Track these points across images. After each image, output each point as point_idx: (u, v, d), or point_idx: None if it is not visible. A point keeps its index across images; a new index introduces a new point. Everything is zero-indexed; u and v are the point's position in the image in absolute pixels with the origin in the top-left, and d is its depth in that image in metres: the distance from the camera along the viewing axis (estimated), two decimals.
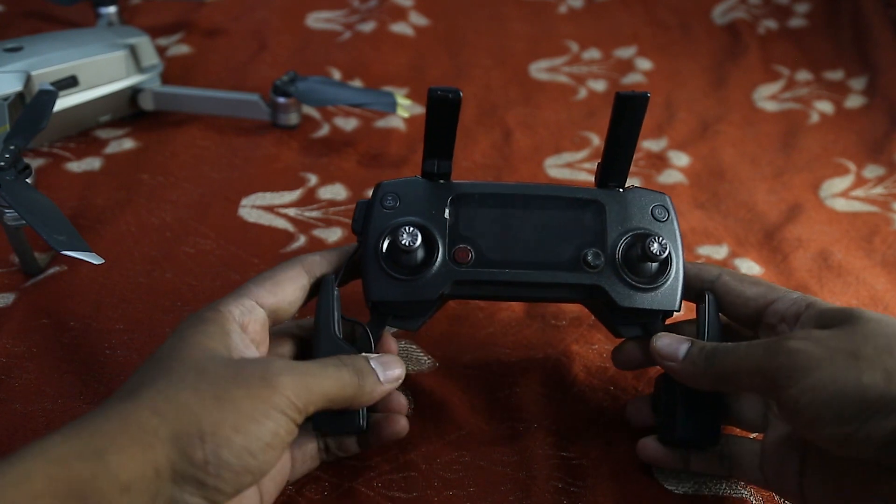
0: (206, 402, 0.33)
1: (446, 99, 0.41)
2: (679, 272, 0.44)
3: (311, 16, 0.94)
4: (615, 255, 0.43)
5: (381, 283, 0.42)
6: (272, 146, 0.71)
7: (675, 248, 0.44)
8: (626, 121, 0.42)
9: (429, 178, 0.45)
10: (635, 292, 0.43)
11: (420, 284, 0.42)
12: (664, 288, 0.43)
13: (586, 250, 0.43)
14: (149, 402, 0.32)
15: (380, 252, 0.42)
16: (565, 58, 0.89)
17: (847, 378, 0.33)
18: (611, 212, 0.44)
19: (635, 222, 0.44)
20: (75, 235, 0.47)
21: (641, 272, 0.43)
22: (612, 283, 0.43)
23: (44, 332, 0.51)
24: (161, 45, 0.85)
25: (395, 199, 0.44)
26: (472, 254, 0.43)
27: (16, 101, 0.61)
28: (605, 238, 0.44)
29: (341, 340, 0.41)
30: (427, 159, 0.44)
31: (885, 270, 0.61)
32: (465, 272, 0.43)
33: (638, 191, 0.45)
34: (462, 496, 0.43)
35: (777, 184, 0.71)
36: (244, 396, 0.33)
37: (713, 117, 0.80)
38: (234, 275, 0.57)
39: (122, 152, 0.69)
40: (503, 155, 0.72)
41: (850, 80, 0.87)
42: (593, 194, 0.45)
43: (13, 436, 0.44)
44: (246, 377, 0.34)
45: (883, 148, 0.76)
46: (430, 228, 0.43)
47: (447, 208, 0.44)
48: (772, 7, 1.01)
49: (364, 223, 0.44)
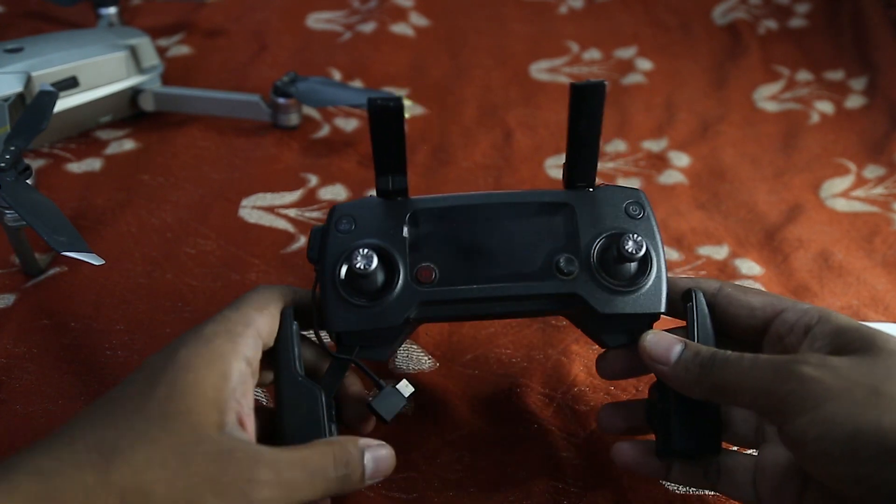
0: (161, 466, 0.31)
1: (387, 108, 0.39)
2: (661, 271, 0.41)
3: (312, 16, 0.94)
4: (590, 258, 0.41)
5: (341, 313, 0.40)
6: (272, 147, 0.71)
7: (654, 245, 0.41)
8: (585, 113, 0.40)
9: (385, 196, 0.42)
10: (615, 297, 0.40)
11: (383, 310, 0.40)
12: (646, 289, 0.40)
13: (558, 256, 0.41)
14: (120, 486, 0.30)
15: (338, 279, 0.40)
16: (566, 58, 0.89)
17: (866, 417, 0.31)
18: (582, 214, 0.42)
19: (609, 222, 0.42)
20: (76, 236, 0.47)
21: (620, 274, 0.41)
22: (590, 289, 0.40)
23: (44, 333, 0.51)
24: (161, 45, 0.85)
25: (351, 222, 0.41)
26: (436, 272, 0.41)
27: (16, 101, 0.61)
28: (578, 242, 0.41)
29: (304, 379, 0.38)
30: (380, 176, 0.42)
31: (885, 271, 0.61)
32: (430, 292, 0.40)
33: (609, 188, 0.43)
34: (462, 496, 0.43)
35: (777, 184, 0.71)
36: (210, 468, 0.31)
37: (713, 117, 0.80)
38: (234, 275, 0.57)
39: (122, 153, 0.69)
40: (503, 155, 0.72)
41: (851, 81, 0.87)
42: (561, 197, 0.42)
43: (13, 436, 0.44)
44: (225, 485, 0.31)
45: (883, 148, 0.76)
46: (389, 249, 0.41)
47: (405, 226, 0.41)
48: (772, 7, 1.01)
49: (320, 250, 0.41)
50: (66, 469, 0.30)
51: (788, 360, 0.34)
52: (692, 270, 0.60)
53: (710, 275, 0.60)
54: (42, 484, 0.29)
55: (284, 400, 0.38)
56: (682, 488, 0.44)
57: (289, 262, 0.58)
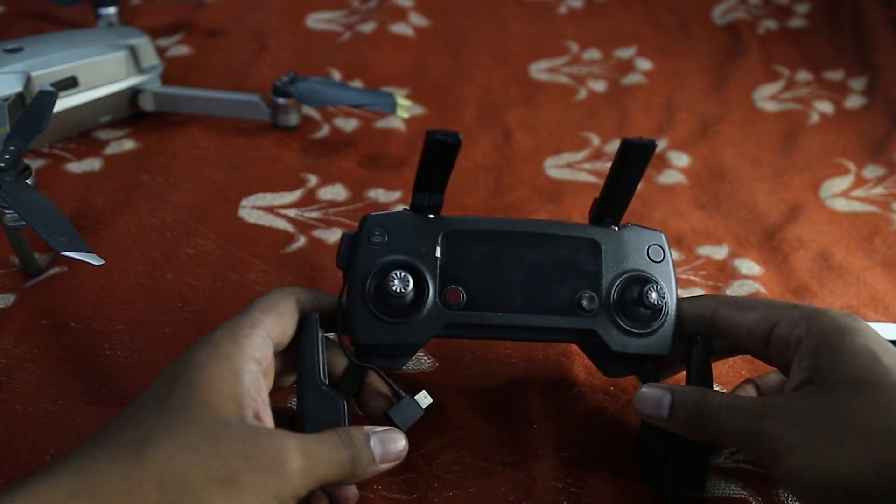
0: (214, 487, 0.31)
1: (445, 143, 0.39)
2: (672, 317, 0.43)
3: (312, 16, 0.94)
4: (610, 298, 0.43)
5: (369, 326, 0.41)
6: (272, 147, 0.71)
7: (670, 290, 0.44)
8: (630, 166, 0.41)
9: (418, 212, 0.43)
10: (629, 337, 0.42)
11: (410, 328, 0.41)
12: (658, 334, 0.43)
13: (581, 293, 0.42)
14: (155, 473, 0.31)
15: (368, 293, 0.41)
16: (565, 58, 0.89)
17: (823, 469, 0.33)
18: (606, 252, 0.43)
19: (631, 263, 0.43)
20: (75, 236, 0.47)
21: (636, 317, 0.43)
22: (606, 327, 0.42)
23: (44, 333, 0.51)
24: (161, 45, 0.85)
25: (383, 234, 0.42)
26: (464, 295, 0.42)
27: (16, 101, 0.61)
28: (600, 279, 0.43)
29: (327, 388, 0.39)
30: (417, 192, 0.42)
31: (885, 271, 0.61)
32: (457, 315, 0.41)
33: (634, 229, 0.44)
34: (462, 497, 0.43)
35: (777, 184, 0.71)
36: (252, 483, 0.32)
37: (713, 117, 0.80)
38: (234, 275, 0.57)
39: (122, 153, 0.69)
40: (503, 155, 0.72)
41: (850, 81, 0.87)
42: (589, 233, 0.44)
43: (14, 437, 0.44)
44: (258, 459, 0.33)
45: (883, 148, 0.76)
46: (421, 268, 0.41)
47: (438, 246, 0.42)
48: (772, 7, 1.01)
49: (350, 259, 0.42)
50: (101, 464, 0.31)
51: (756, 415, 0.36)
52: (692, 271, 0.60)
53: (709, 275, 0.60)
54: (80, 478, 0.30)
55: (307, 407, 0.39)
56: None
57: (288, 261, 0.58)
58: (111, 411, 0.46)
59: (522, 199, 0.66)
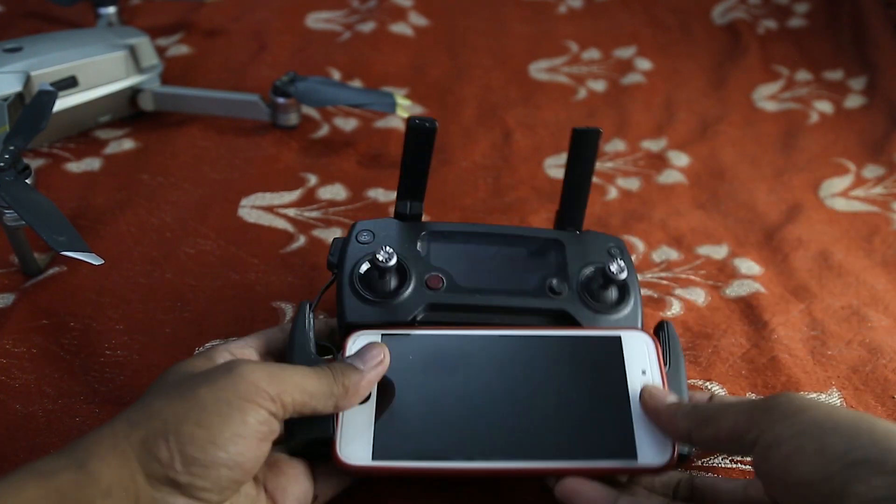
0: (173, 403, 0.33)
1: (423, 128, 0.45)
2: (638, 302, 0.46)
3: (311, 16, 0.94)
4: (577, 284, 0.46)
5: (355, 306, 0.44)
6: (272, 146, 0.71)
7: (632, 280, 0.47)
8: (580, 155, 0.46)
9: (401, 219, 0.49)
10: (598, 316, 0.45)
11: (394, 307, 0.44)
12: (624, 315, 0.46)
13: (550, 279, 0.46)
14: (125, 416, 0.34)
15: (355, 276, 0.44)
16: (565, 58, 0.89)
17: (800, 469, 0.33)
18: (570, 249, 0.48)
19: (593, 257, 0.48)
20: (75, 236, 0.47)
21: (602, 299, 0.46)
22: (577, 307, 0.45)
23: (44, 333, 0.51)
24: (161, 45, 0.85)
25: (371, 235, 0.47)
26: (444, 281, 0.45)
27: (15, 101, 0.61)
28: (567, 270, 0.47)
29: (316, 357, 0.41)
30: (400, 200, 0.48)
31: (885, 270, 0.61)
32: (438, 296, 0.44)
33: (593, 234, 0.50)
34: (461, 496, 0.43)
35: (777, 184, 0.71)
36: (208, 391, 0.34)
37: (713, 117, 0.80)
38: (233, 275, 0.57)
39: (121, 153, 0.69)
40: (503, 155, 0.72)
41: (850, 80, 0.87)
42: (553, 234, 0.49)
43: (13, 436, 0.44)
44: (212, 374, 0.35)
45: (882, 148, 0.76)
46: (404, 259, 0.45)
47: (419, 242, 0.47)
48: (771, 7, 1.01)
49: (340, 256, 0.46)
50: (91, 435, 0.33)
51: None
52: (692, 270, 0.60)
53: (709, 275, 0.60)
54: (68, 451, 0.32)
55: None
56: None
57: (288, 261, 0.58)
58: (111, 410, 0.46)
59: (522, 199, 0.66)
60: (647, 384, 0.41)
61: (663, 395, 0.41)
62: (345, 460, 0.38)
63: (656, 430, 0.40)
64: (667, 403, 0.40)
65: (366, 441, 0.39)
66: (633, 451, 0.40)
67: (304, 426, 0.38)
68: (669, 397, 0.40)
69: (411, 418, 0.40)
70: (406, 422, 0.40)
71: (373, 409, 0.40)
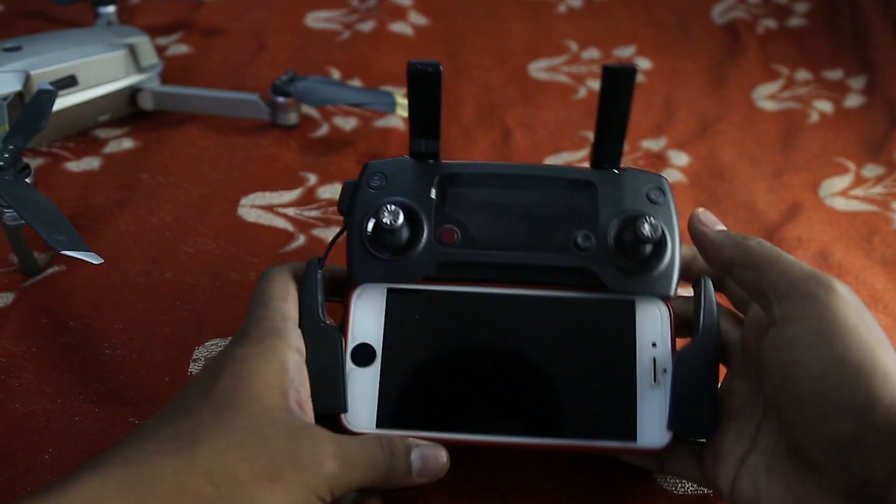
0: (261, 481, 0.33)
1: (426, 73, 0.41)
2: (675, 256, 0.42)
3: (311, 15, 0.94)
4: (607, 237, 0.42)
5: (364, 265, 0.42)
6: (271, 146, 0.71)
7: (671, 230, 0.42)
8: (614, 97, 0.41)
9: (417, 158, 0.44)
10: (627, 276, 0.41)
11: (404, 266, 0.42)
12: (658, 272, 0.41)
13: (576, 232, 0.42)
14: (206, 468, 0.32)
15: (364, 233, 0.42)
16: (565, 57, 0.89)
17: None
18: (603, 193, 0.43)
19: (629, 204, 0.42)
20: (75, 235, 0.47)
21: (634, 256, 0.41)
22: (604, 266, 0.41)
23: (43, 332, 0.51)
24: (160, 44, 0.85)
25: (382, 179, 0.43)
26: (458, 234, 0.42)
27: (15, 100, 0.61)
28: (597, 220, 0.42)
29: (325, 325, 0.41)
30: (414, 139, 0.44)
31: (884, 270, 0.61)
32: (450, 253, 0.42)
33: (633, 172, 0.44)
34: (461, 494, 0.43)
35: (776, 183, 0.71)
36: (294, 481, 0.33)
37: (712, 117, 0.80)
38: (233, 274, 0.57)
39: (121, 152, 0.69)
40: (503, 155, 0.72)
41: (850, 80, 0.87)
42: (586, 175, 0.43)
43: (13, 436, 0.44)
44: (300, 458, 0.34)
45: (882, 147, 0.76)
46: (415, 208, 0.42)
47: (433, 188, 0.43)
48: (771, 6, 1.01)
49: (350, 203, 0.43)
50: (152, 457, 0.32)
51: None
52: None
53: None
54: (131, 472, 0.31)
55: (306, 344, 0.40)
56: (681, 489, 0.44)
57: (287, 260, 0.58)
58: (110, 410, 0.46)
59: None
60: (702, 210, 0.41)
61: (714, 220, 0.41)
62: (349, 426, 0.39)
63: (657, 409, 0.39)
64: (717, 229, 0.40)
65: (370, 407, 0.40)
66: (633, 432, 0.39)
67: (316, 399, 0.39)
68: (720, 224, 0.40)
69: (414, 385, 0.40)
70: (409, 388, 0.40)
71: (377, 373, 0.40)
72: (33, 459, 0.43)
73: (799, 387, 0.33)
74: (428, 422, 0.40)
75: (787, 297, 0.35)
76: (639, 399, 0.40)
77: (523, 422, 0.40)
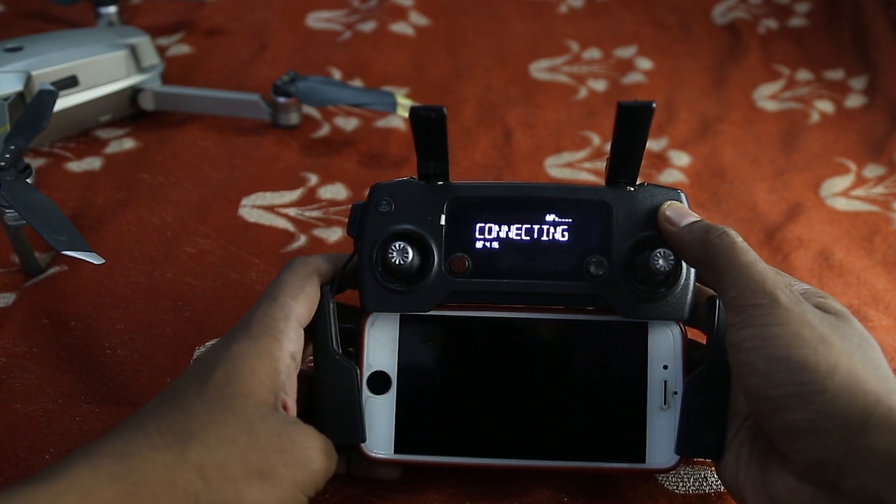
0: (251, 479, 0.33)
1: (429, 119, 0.39)
2: (690, 279, 0.41)
3: (312, 16, 0.94)
4: (620, 262, 0.41)
5: (376, 295, 0.42)
6: (272, 146, 0.71)
7: None
8: (631, 130, 0.39)
9: (425, 180, 0.43)
10: (640, 303, 0.41)
11: (415, 297, 0.42)
12: (672, 297, 0.41)
13: (590, 258, 0.41)
14: (197, 462, 0.32)
15: (375, 263, 0.41)
16: (565, 57, 0.89)
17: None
18: (618, 214, 0.41)
19: (644, 226, 0.41)
20: (76, 235, 0.47)
21: (648, 280, 0.41)
22: (616, 292, 0.41)
23: (44, 332, 0.51)
24: (161, 44, 0.85)
25: (390, 204, 0.42)
26: (469, 263, 0.42)
27: (16, 100, 0.61)
28: (611, 244, 0.41)
29: (340, 357, 0.41)
30: (422, 161, 0.43)
31: (885, 270, 0.61)
32: (461, 283, 0.42)
33: (649, 189, 0.42)
34: (461, 494, 0.43)
35: (777, 183, 0.71)
36: (284, 476, 0.34)
37: (713, 117, 0.80)
38: (234, 274, 0.57)
39: (122, 152, 0.69)
40: (503, 155, 0.72)
41: (851, 80, 0.87)
42: (600, 195, 0.42)
43: (14, 436, 0.44)
44: (291, 455, 0.35)
45: (883, 147, 0.76)
46: (426, 237, 0.42)
47: (443, 214, 0.42)
48: (772, 7, 1.01)
49: (359, 229, 0.42)
50: (143, 450, 0.32)
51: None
52: None
53: None
54: (122, 463, 0.31)
55: (322, 377, 0.40)
56: (681, 489, 0.44)
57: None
58: (111, 410, 0.46)
59: None
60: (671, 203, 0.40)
61: (684, 213, 0.40)
62: (368, 453, 0.40)
63: (666, 432, 0.40)
64: (685, 224, 0.39)
65: (388, 434, 0.40)
66: (642, 453, 0.40)
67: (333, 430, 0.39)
68: (690, 217, 0.39)
69: (429, 411, 0.41)
70: (424, 414, 0.41)
71: (393, 400, 0.41)
72: (34, 459, 0.43)
73: (749, 384, 0.35)
74: (444, 447, 0.41)
75: (736, 304, 0.36)
76: (649, 421, 0.40)
77: (537, 445, 0.41)
